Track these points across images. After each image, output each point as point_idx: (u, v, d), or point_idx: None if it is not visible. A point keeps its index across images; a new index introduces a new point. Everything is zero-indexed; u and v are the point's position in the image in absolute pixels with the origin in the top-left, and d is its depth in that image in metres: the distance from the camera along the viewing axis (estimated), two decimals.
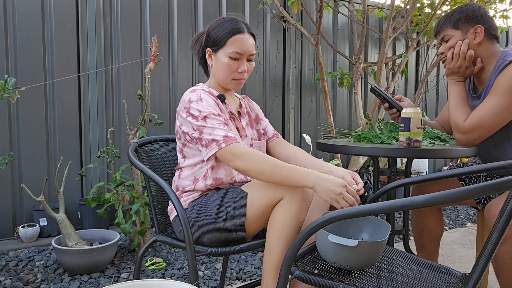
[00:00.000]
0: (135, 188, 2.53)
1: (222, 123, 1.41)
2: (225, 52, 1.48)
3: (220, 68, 1.51)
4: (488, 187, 0.90)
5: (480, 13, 1.71)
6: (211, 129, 1.40)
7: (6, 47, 2.79)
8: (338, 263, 1.23)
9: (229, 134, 1.39)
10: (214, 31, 1.51)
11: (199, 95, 1.45)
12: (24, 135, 2.87)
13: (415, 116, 1.59)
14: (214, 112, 1.42)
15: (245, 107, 1.67)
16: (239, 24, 1.50)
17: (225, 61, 1.49)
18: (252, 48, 1.52)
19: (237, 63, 1.50)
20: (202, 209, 1.44)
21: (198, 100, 1.44)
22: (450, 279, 1.25)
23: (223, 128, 1.40)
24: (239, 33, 1.49)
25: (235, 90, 1.60)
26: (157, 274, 2.34)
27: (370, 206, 1.01)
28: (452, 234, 3.24)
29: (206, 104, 1.43)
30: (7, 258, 2.53)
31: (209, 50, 1.53)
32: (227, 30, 1.48)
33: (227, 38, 1.48)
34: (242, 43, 1.49)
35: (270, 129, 1.73)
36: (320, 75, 3.36)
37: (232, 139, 1.38)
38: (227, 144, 1.37)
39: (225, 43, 1.48)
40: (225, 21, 1.51)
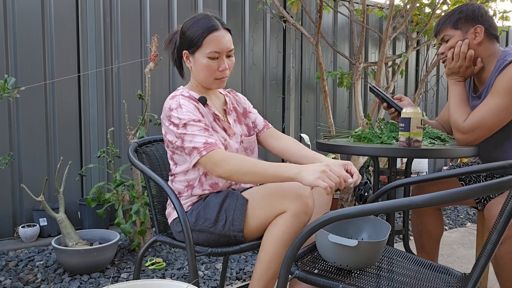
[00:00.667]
0: (135, 188, 2.53)
1: (202, 129, 1.39)
2: (203, 52, 1.45)
3: (200, 70, 1.47)
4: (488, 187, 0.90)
5: (480, 12, 1.71)
6: (192, 136, 1.38)
7: (6, 47, 2.79)
8: (338, 263, 1.23)
9: (209, 140, 1.37)
10: (189, 31, 1.47)
11: (178, 101, 1.43)
12: (24, 135, 2.87)
13: (415, 116, 1.59)
14: (194, 118, 1.40)
15: (230, 103, 1.64)
16: (213, 21, 1.45)
17: (204, 62, 1.45)
18: (230, 44, 1.47)
19: (217, 62, 1.46)
20: (201, 214, 1.43)
21: (178, 107, 1.41)
22: (450, 279, 1.25)
23: (203, 134, 1.38)
24: (214, 31, 1.44)
25: (218, 89, 1.57)
26: (157, 274, 2.34)
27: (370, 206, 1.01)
28: (452, 234, 3.24)
29: (186, 110, 1.41)
30: (7, 258, 2.53)
31: (186, 52, 1.50)
32: (201, 29, 1.44)
33: (203, 38, 1.43)
34: (218, 41, 1.44)
35: (260, 121, 1.69)
36: (320, 74, 3.36)
37: (212, 145, 1.36)
38: (208, 151, 1.35)
39: (201, 43, 1.44)
40: (197, 20, 1.47)
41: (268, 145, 1.66)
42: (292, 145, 1.59)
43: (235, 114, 1.64)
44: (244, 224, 1.37)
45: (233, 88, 3.40)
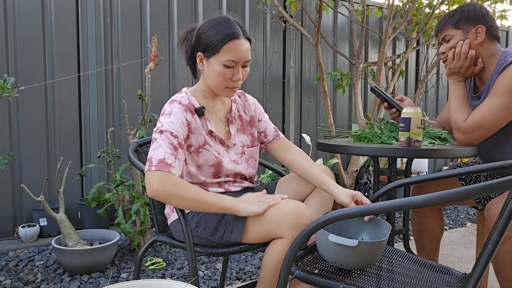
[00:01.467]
0: (135, 188, 2.53)
1: (172, 145, 1.33)
2: (219, 59, 1.38)
3: (214, 76, 1.41)
4: (488, 187, 0.90)
5: (481, 13, 1.71)
6: (157, 145, 1.32)
7: (6, 47, 2.79)
8: (338, 263, 1.23)
9: (167, 159, 1.30)
10: (207, 34, 1.39)
11: (172, 109, 1.38)
12: (24, 135, 2.87)
13: (415, 116, 1.59)
14: (172, 132, 1.34)
15: (236, 111, 1.57)
16: (234, 28, 1.39)
17: (219, 69, 1.38)
18: (248, 54, 1.40)
19: (231, 71, 1.39)
20: (202, 220, 1.43)
21: (168, 115, 1.37)
22: (450, 279, 1.25)
23: (167, 150, 1.31)
24: (234, 39, 1.37)
25: (228, 97, 1.52)
26: (157, 274, 2.34)
27: (370, 206, 1.01)
28: (452, 234, 3.25)
29: (172, 120, 1.36)
30: (7, 258, 2.53)
31: (200, 54, 1.43)
32: (221, 35, 1.37)
33: (222, 44, 1.36)
34: (237, 50, 1.37)
35: (270, 130, 1.63)
36: (320, 75, 3.36)
37: (166, 165, 1.29)
38: (157, 169, 1.28)
39: (219, 49, 1.37)
40: (218, 23, 1.40)
41: (278, 156, 1.62)
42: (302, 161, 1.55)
43: (240, 122, 1.58)
44: (242, 237, 1.38)
45: None
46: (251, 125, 1.61)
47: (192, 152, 1.44)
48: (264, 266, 1.35)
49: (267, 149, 1.65)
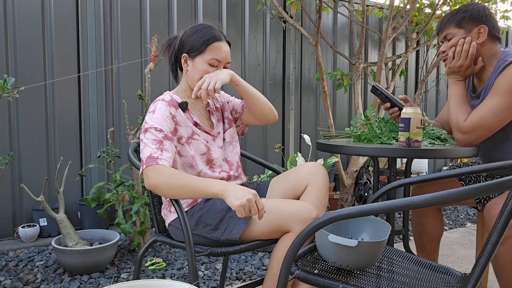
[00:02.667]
0: (135, 188, 2.53)
1: (156, 140, 1.40)
2: (204, 58, 1.50)
3: (197, 74, 1.51)
4: (488, 187, 0.90)
5: (485, 13, 1.70)
6: (144, 146, 1.40)
7: (6, 47, 2.79)
8: (338, 263, 1.23)
9: (153, 154, 1.37)
10: (193, 37, 1.52)
11: (155, 106, 1.47)
12: (24, 135, 2.87)
13: (415, 116, 1.59)
14: (156, 127, 1.42)
15: (213, 103, 1.68)
16: (217, 32, 1.53)
17: (204, 67, 1.50)
18: (229, 56, 1.54)
19: (214, 70, 1.51)
20: (202, 219, 1.45)
21: (152, 112, 1.46)
22: (450, 279, 1.25)
23: (151, 146, 1.39)
24: (218, 40, 1.51)
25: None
26: (157, 274, 2.34)
27: (370, 206, 1.01)
28: (452, 234, 3.25)
29: (156, 116, 1.44)
30: (7, 258, 2.53)
31: (185, 55, 1.54)
32: (206, 37, 1.50)
33: (207, 44, 1.49)
34: (221, 50, 1.51)
35: (237, 104, 1.74)
36: (320, 75, 3.36)
37: (153, 159, 1.36)
38: (146, 166, 1.36)
39: (204, 49, 1.50)
40: (202, 28, 1.53)
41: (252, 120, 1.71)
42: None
43: (218, 113, 1.68)
44: (242, 235, 1.39)
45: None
46: (223, 110, 1.71)
47: (184, 144, 1.51)
48: (273, 259, 1.38)
49: (242, 121, 1.73)
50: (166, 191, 1.35)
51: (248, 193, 1.27)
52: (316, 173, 1.52)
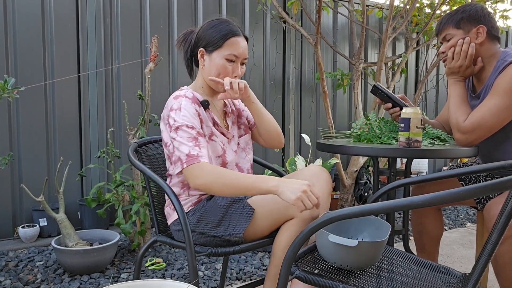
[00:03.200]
0: (135, 188, 2.53)
1: (191, 138, 1.37)
2: (221, 53, 1.46)
3: (214, 69, 1.48)
4: (488, 187, 0.90)
5: (483, 13, 1.71)
6: (179, 144, 1.37)
7: (6, 47, 2.79)
8: (338, 263, 1.23)
9: (192, 152, 1.35)
10: (209, 31, 1.48)
11: (180, 103, 1.42)
12: (24, 135, 2.87)
13: (415, 116, 1.59)
14: (188, 124, 1.39)
15: (229, 105, 1.66)
16: (235, 27, 1.49)
17: (221, 63, 1.47)
18: (246, 52, 1.51)
19: (232, 66, 1.48)
20: (204, 216, 1.44)
21: (177, 109, 1.41)
22: (450, 279, 1.25)
23: (188, 144, 1.36)
24: (236, 35, 1.47)
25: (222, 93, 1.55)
26: (157, 274, 2.34)
27: (370, 206, 1.01)
28: (452, 234, 3.25)
29: (184, 114, 1.40)
30: (7, 258, 2.53)
31: (202, 50, 1.50)
32: (224, 31, 1.46)
33: (224, 39, 1.46)
34: (239, 46, 1.47)
35: (251, 116, 1.71)
36: (320, 75, 3.36)
37: (194, 158, 1.34)
38: (188, 164, 1.34)
39: (222, 44, 1.46)
40: (220, 23, 1.49)
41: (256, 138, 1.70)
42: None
43: (233, 115, 1.65)
44: (245, 231, 1.39)
45: None
46: (239, 116, 1.69)
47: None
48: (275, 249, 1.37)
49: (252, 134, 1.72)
50: (216, 190, 1.33)
51: (302, 184, 1.25)
52: (319, 175, 1.54)
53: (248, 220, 1.38)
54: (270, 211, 1.38)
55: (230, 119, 1.62)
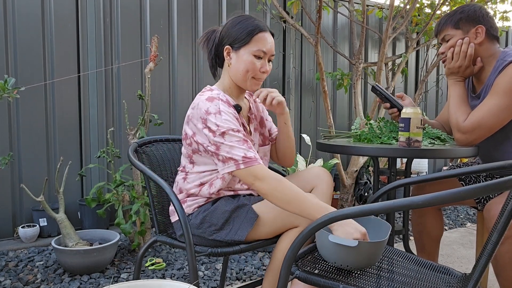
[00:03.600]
0: (135, 188, 2.53)
1: (241, 141, 1.34)
2: (249, 49, 1.42)
3: (242, 66, 1.43)
4: (488, 187, 0.90)
5: (481, 13, 1.71)
6: (229, 148, 1.33)
7: (6, 47, 2.79)
8: (339, 263, 1.23)
9: (248, 154, 1.32)
10: (235, 28, 1.45)
11: (218, 106, 1.37)
12: (24, 135, 2.87)
13: (415, 116, 1.59)
14: (234, 128, 1.35)
15: (254, 110, 1.62)
16: (261, 23, 1.46)
17: (250, 59, 1.42)
18: (273, 48, 1.48)
19: (260, 62, 1.44)
20: (207, 218, 1.43)
21: (217, 113, 1.35)
22: (450, 279, 1.25)
23: (241, 147, 1.33)
24: (263, 31, 1.44)
25: (251, 91, 1.51)
26: (157, 274, 2.34)
27: (370, 206, 1.01)
28: (452, 234, 3.25)
29: (225, 118, 1.35)
30: (7, 258, 2.52)
31: (228, 48, 1.46)
32: (251, 27, 1.43)
33: (252, 35, 1.42)
34: (266, 41, 1.44)
35: (274, 129, 1.69)
36: (320, 75, 3.36)
37: (252, 160, 1.32)
38: (246, 166, 1.31)
39: (249, 40, 1.42)
40: (245, 19, 1.46)
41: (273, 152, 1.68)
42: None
43: (256, 122, 1.62)
44: (247, 236, 1.39)
45: None
46: (261, 125, 1.66)
47: None
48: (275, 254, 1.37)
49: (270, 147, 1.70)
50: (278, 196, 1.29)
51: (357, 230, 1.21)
52: (322, 176, 1.55)
53: (251, 225, 1.38)
54: (273, 219, 1.38)
55: (253, 125, 1.59)
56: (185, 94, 3.46)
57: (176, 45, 3.38)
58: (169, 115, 3.39)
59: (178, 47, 3.39)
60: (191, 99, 3.48)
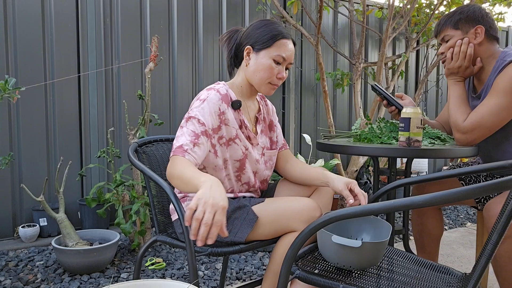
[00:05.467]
0: (135, 188, 2.53)
1: (194, 133, 1.34)
2: (270, 53, 1.43)
3: (261, 69, 1.44)
4: (488, 187, 0.90)
5: (481, 13, 1.71)
6: (181, 133, 1.35)
7: (6, 47, 2.79)
8: (341, 264, 1.23)
9: (185, 146, 1.31)
10: (259, 30, 1.46)
11: (207, 96, 1.40)
12: (24, 135, 2.87)
13: (415, 116, 1.59)
14: (200, 119, 1.36)
15: (263, 113, 1.61)
16: (285, 30, 1.47)
17: (269, 63, 1.43)
18: (293, 56, 1.49)
19: (278, 68, 1.45)
20: None
21: (202, 100, 1.39)
22: (450, 279, 1.25)
23: (188, 137, 1.33)
24: (286, 38, 1.46)
25: (267, 95, 1.52)
26: (157, 274, 2.34)
27: (370, 206, 1.01)
28: (452, 234, 3.25)
29: (203, 107, 1.38)
30: (7, 258, 2.53)
31: (249, 48, 1.46)
32: (275, 32, 1.44)
33: (275, 40, 1.43)
34: (287, 48, 1.45)
35: (280, 139, 1.68)
36: (320, 75, 3.36)
37: (182, 151, 1.30)
38: (173, 154, 1.32)
39: (271, 44, 1.43)
40: (270, 23, 1.47)
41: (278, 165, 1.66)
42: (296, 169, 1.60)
43: (264, 124, 1.61)
44: (247, 236, 1.39)
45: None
46: (270, 129, 1.65)
47: (222, 144, 1.46)
48: (274, 257, 1.38)
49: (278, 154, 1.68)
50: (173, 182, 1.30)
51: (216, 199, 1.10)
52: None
53: (250, 227, 1.38)
54: (273, 222, 1.38)
55: (260, 126, 1.58)
56: (185, 94, 3.46)
57: (176, 45, 3.38)
58: (169, 115, 3.39)
59: (178, 47, 3.39)
60: (191, 99, 3.48)
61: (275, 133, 1.66)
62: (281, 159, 1.66)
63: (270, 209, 1.39)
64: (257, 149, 1.55)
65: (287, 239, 1.37)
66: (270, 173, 1.63)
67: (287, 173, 1.63)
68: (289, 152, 1.69)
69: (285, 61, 1.46)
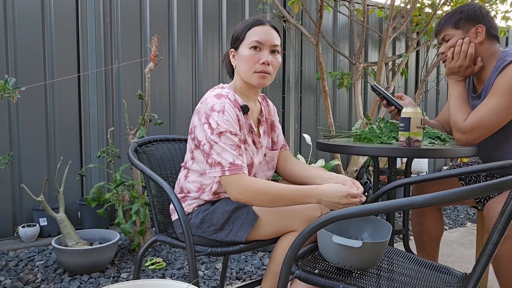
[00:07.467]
0: (135, 188, 2.53)
1: (234, 145, 1.34)
2: (245, 44, 1.43)
3: (243, 62, 1.44)
4: (488, 187, 0.90)
5: (481, 13, 1.71)
6: (221, 149, 1.33)
7: (6, 47, 2.79)
8: (342, 264, 1.22)
9: (236, 161, 1.32)
10: (236, 30, 1.48)
11: (223, 105, 1.36)
12: (24, 135, 2.87)
13: (415, 116, 1.59)
14: (232, 131, 1.35)
15: (265, 114, 1.60)
16: (260, 19, 1.46)
17: (247, 53, 1.42)
18: (273, 38, 1.45)
19: (258, 54, 1.42)
20: (207, 218, 1.43)
21: (220, 112, 1.35)
22: (450, 279, 1.25)
23: (233, 152, 1.33)
24: (258, 25, 1.44)
25: (260, 86, 1.47)
26: (157, 274, 2.34)
27: (370, 206, 1.01)
28: (452, 234, 3.24)
29: (227, 118, 1.35)
30: (7, 258, 2.53)
31: (232, 51, 1.49)
32: (247, 23, 1.45)
33: (247, 30, 1.43)
34: (261, 32, 1.43)
35: (280, 140, 1.67)
36: (320, 75, 3.36)
37: (238, 168, 1.32)
38: (231, 174, 1.31)
39: (244, 36, 1.43)
40: (246, 20, 1.48)
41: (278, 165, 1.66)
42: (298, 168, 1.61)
43: (266, 125, 1.61)
44: (247, 236, 1.39)
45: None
46: (271, 130, 1.65)
47: None
48: (274, 257, 1.38)
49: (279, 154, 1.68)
50: (259, 204, 1.34)
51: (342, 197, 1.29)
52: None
53: (251, 226, 1.38)
54: (273, 221, 1.38)
55: (263, 127, 1.58)
56: (185, 94, 3.46)
57: (176, 45, 3.38)
58: (169, 115, 3.39)
59: (178, 47, 3.39)
60: (191, 99, 3.48)
61: (275, 133, 1.66)
62: (281, 159, 1.66)
63: (270, 209, 1.40)
64: (261, 151, 1.55)
65: (287, 239, 1.37)
66: (271, 173, 1.63)
67: (287, 173, 1.63)
68: (289, 153, 1.69)
69: (263, 44, 1.42)
